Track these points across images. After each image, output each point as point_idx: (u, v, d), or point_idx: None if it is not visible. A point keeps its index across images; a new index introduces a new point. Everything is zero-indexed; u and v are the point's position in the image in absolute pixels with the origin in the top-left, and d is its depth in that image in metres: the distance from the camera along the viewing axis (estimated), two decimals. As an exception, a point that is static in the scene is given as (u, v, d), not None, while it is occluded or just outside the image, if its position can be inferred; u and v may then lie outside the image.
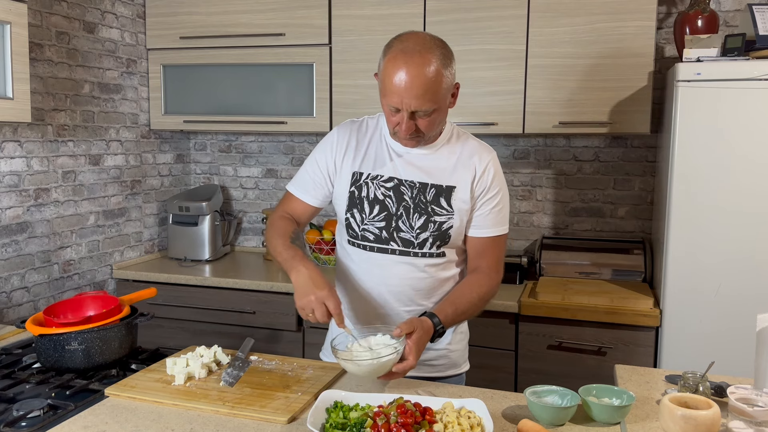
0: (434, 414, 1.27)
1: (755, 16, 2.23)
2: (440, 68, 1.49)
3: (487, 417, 1.26)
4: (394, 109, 1.52)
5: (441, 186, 1.64)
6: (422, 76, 1.46)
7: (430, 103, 1.49)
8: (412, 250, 1.63)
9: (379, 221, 1.63)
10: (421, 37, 1.53)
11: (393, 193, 1.64)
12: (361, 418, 1.24)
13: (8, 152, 2.47)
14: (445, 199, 1.63)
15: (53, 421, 1.34)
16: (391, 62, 1.49)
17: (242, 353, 1.57)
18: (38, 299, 2.63)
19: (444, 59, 1.51)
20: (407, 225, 1.62)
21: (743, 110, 2.17)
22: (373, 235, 1.64)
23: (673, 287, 2.30)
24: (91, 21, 2.84)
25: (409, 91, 1.47)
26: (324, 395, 1.35)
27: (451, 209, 1.63)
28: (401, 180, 1.64)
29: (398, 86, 1.47)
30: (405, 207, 1.63)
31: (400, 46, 1.50)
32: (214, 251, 3.23)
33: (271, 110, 2.99)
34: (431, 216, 1.62)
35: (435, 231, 1.62)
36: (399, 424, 1.19)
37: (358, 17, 2.82)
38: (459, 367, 1.79)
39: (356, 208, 1.66)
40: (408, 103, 1.48)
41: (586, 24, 2.55)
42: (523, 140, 3.05)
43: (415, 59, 1.47)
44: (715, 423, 1.23)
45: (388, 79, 1.49)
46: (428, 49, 1.49)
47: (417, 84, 1.46)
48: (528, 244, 3.08)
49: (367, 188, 1.65)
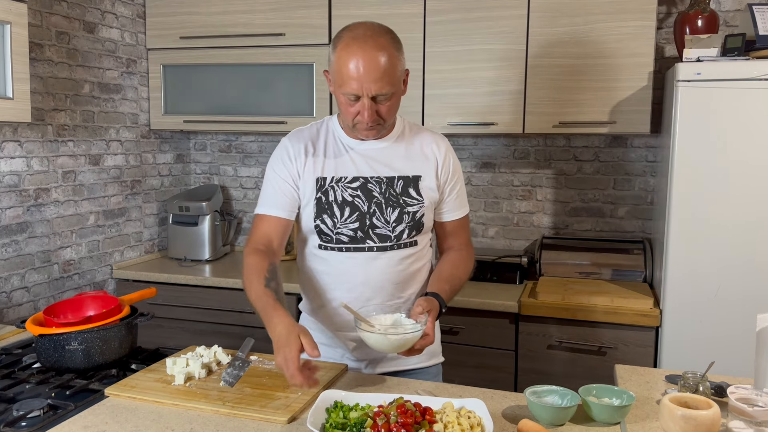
0: (434, 414, 1.26)
1: (755, 16, 2.23)
2: (393, 51, 1.52)
3: (487, 417, 1.26)
4: (353, 98, 1.53)
5: (408, 176, 1.66)
6: (378, 60, 1.49)
7: (389, 86, 1.51)
8: (389, 244, 1.65)
9: (352, 222, 1.63)
10: (368, 24, 1.56)
11: (361, 192, 1.64)
12: (361, 418, 1.24)
13: (8, 152, 2.47)
14: (414, 188, 1.66)
15: (53, 421, 1.34)
16: (345, 50, 1.50)
17: (242, 353, 1.57)
18: (38, 299, 2.63)
19: (394, 43, 1.54)
20: (382, 221, 1.63)
21: (743, 110, 2.17)
22: (347, 237, 1.64)
23: (673, 287, 2.30)
24: (91, 21, 2.84)
25: (368, 75, 1.48)
26: (324, 395, 1.35)
27: (421, 197, 1.66)
28: (367, 178, 1.64)
29: (356, 72, 1.49)
30: (377, 203, 1.63)
31: (350, 35, 1.52)
32: (214, 251, 3.23)
33: (270, 110, 2.99)
34: (404, 207, 1.64)
35: (410, 221, 1.65)
36: (399, 424, 1.18)
37: (358, 17, 2.78)
38: (438, 356, 1.82)
39: (326, 214, 1.64)
40: (368, 88, 1.49)
41: (586, 24, 2.55)
42: (523, 140, 3.05)
43: (369, 43, 1.49)
44: (715, 423, 1.23)
45: (345, 68, 1.50)
46: (378, 34, 1.52)
47: (374, 67, 1.48)
48: (528, 244, 3.08)
49: (334, 192, 1.64)
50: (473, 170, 3.13)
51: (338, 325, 1.71)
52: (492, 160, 3.10)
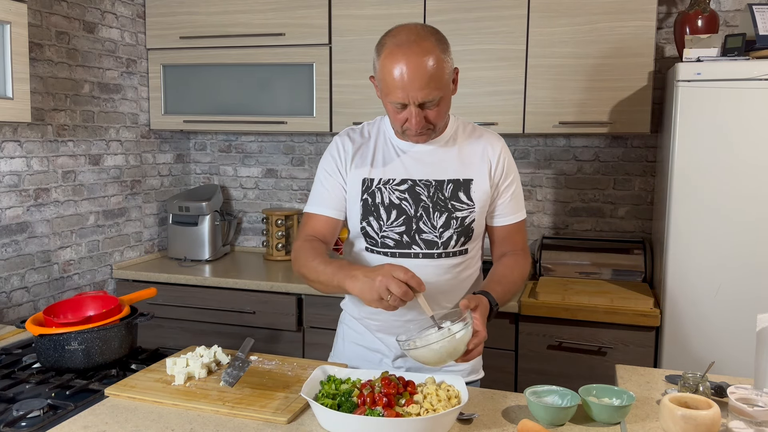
0: (416, 387, 1.37)
1: (755, 16, 2.23)
2: (439, 54, 1.46)
3: (464, 389, 1.36)
4: (400, 106, 1.49)
5: (458, 180, 1.60)
6: (423, 66, 1.43)
7: (436, 91, 1.46)
8: (436, 251, 1.59)
9: (398, 226, 1.59)
10: (411, 28, 1.49)
11: (408, 196, 1.59)
12: (349, 389, 1.35)
13: (8, 152, 2.47)
14: (464, 192, 1.60)
15: (53, 421, 1.34)
16: (389, 59, 1.45)
17: (242, 353, 1.57)
18: (38, 299, 2.63)
19: (440, 44, 1.48)
20: (429, 225, 1.58)
21: (743, 110, 2.17)
22: (393, 241, 1.59)
23: (673, 287, 2.30)
24: (91, 21, 2.84)
25: (413, 83, 1.43)
26: (319, 369, 1.43)
27: (472, 202, 1.60)
28: (415, 181, 1.60)
29: (401, 80, 1.44)
30: (424, 207, 1.59)
31: (393, 41, 1.46)
32: (214, 251, 3.23)
33: (271, 110, 2.99)
34: (452, 212, 1.59)
35: (458, 227, 1.59)
36: (382, 394, 1.29)
37: (358, 17, 2.82)
38: (478, 372, 1.77)
39: (372, 216, 1.60)
40: (414, 96, 1.45)
41: (586, 24, 2.55)
42: (523, 140, 3.05)
43: (413, 49, 1.43)
44: (715, 423, 1.23)
45: (389, 76, 1.45)
46: (423, 37, 1.46)
47: (420, 74, 1.43)
48: (528, 244, 3.08)
49: (381, 194, 1.60)
50: (473, 170, 3.13)
51: (381, 327, 1.67)
52: (492, 160, 3.10)
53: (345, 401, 1.30)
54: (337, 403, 1.30)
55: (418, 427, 1.23)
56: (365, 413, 1.24)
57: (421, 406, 1.28)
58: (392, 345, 1.66)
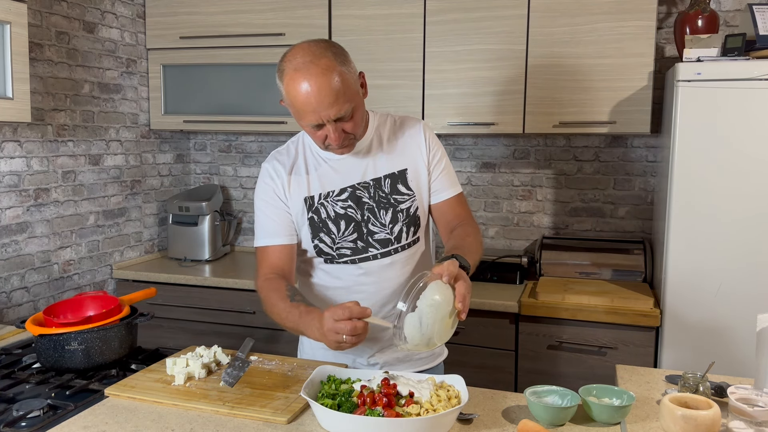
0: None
1: (755, 16, 2.23)
2: (339, 67, 1.44)
3: (464, 390, 1.36)
4: (316, 126, 1.49)
5: (393, 173, 1.63)
6: (327, 84, 1.42)
7: (347, 104, 1.45)
8: (392, 248, 1.63)
9: (350, 234, 1.61)
10: (305, 47, 1.47)
11: (352, 202, 1.61)
12: (349, 389, 1.35)
13: (8, 152, 2.47)
14: (402, 183, 1.63)
15: (53, 421, 1.34)
16: (291, 84, 1.44)
17: (242, 353, 1.57)
18: (38, 299, 2.63)
19: (338, 57, 1.46)
20: (378, 225, 1.61)
21: (743, 110, 2.17)
22: (349, 250, 1.62)
23: (673, 287, 2.30)
24: (91, 21, 2.84)
25: (322, 103, 1.42)
26: (319, 369, 1.43)
27: (411, 191, 1.63)
28: (354, 186, 1.62)
29: (309, 103, 1.43)
30: (369, 209, 1.61)
31: (291, 66, 1.45)
32: (214, 251, 3.23)
33: (270, 110, 2.99)
34: (396, 206, 1.62)
35: (405, 219, 1.62)
36: (382, 394, 1.30)
37: (358, 17, 2.82)
38: (443, 354, 1.81)
39: (322, 232, 1.62)
40: (327, 114, 1.44)
41: (586, 24, 2.55)
42: (523, 140, 3.05)
43: (312, 70, 1.42)
44: (715, 423, 1.23)
45: (297, 101, 1.44)
46: (318, 55, 1.44)
47: (326, 93, 1.42)
48: (528, 244, 3.08)
49: (325, 208, 1.62)
50: (473, 170, 3.13)
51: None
52: (492, 160, 3.10)
53: (345, 401, 1.31)
54: (337, 403, 1.31)
55: (418, 427, 1.23)
56: (365, 413, 1.25)
57: (421, 406, 1.29)
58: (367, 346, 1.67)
